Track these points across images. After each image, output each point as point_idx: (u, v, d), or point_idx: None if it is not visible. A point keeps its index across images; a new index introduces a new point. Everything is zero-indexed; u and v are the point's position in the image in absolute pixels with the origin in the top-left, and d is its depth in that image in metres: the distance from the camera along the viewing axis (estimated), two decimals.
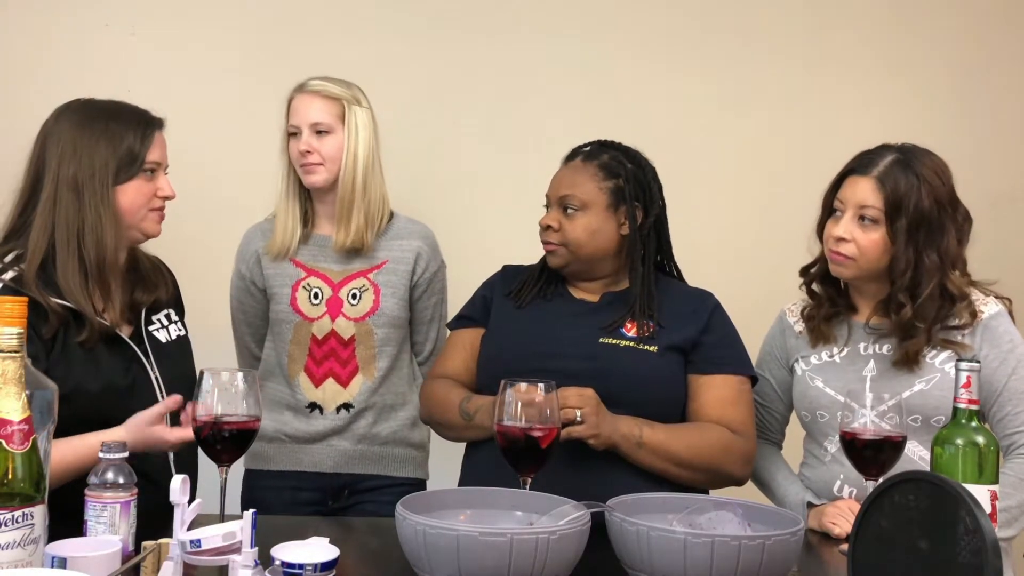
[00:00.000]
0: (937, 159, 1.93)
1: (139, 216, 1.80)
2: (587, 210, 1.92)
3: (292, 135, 2.24)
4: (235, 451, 1.60)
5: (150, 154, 1.79)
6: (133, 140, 1.77)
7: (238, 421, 1.58)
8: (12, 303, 1.27)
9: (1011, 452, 1.87)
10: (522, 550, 1.29)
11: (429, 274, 2.32)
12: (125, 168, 1.77)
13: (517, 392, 1.58)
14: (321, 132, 2.21)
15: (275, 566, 1.33)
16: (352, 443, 2.25)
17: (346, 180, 2.22)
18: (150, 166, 1.80)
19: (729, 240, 2.97)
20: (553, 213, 1.95)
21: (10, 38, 2.74)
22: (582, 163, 1.97)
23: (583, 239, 1.93)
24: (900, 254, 1.87)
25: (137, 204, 1.79)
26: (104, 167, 1.75)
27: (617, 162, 1.96)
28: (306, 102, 2.23)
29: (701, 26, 3.03)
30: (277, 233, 2.26)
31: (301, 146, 2.21)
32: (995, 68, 3.12)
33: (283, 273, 2.26)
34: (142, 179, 1.79)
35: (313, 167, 2.21)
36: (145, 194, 1.80)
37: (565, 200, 1.93)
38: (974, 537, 1.13)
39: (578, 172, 1.95)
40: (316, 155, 2.20)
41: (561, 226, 1.93)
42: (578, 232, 1.92)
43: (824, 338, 1.99)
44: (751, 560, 1.32)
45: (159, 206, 1.83)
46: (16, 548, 1.18)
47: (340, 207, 2.23)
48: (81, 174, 1.74)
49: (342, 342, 2.24)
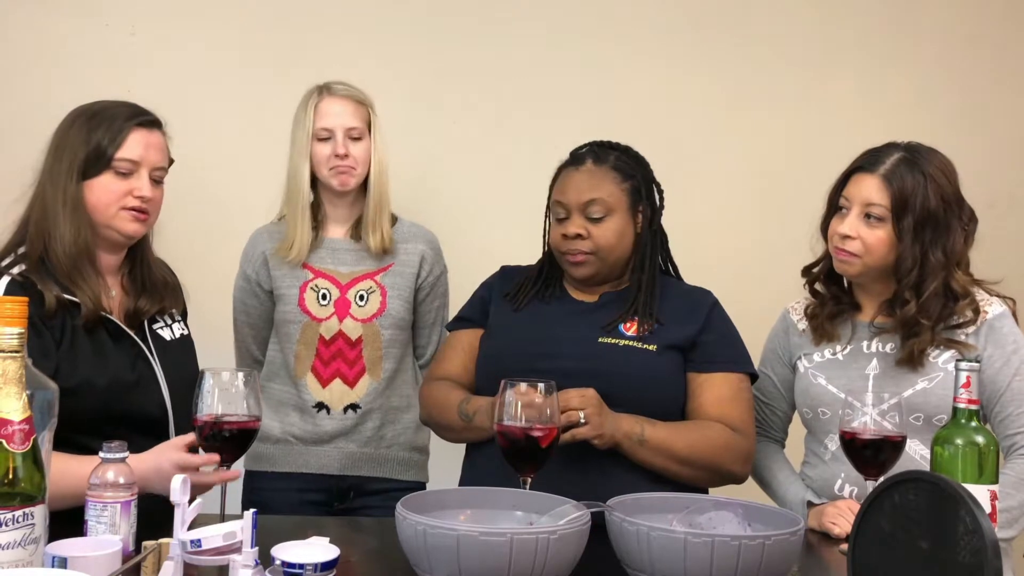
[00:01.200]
0: (943, 158, 1.92)
1: (110, 214, 1.78)
2: (613, 214, 1.89)
3: (323, 139, 2.23)
4: (236, 451, 1.60)
5: (122, 151, 1.77)
6: (103, 136, 1.77)
7: (239, 421, 1.58)
8: (12, 303, 1.27)
9: (1012, 452, 1.87)
10: (522, 550, 1.29)
11: (433, 277, 2.34)
12: (92, 164, 1.76)
13: (517, 392, 1.58)
14: (354, 137, 2.23)
15: (275, 566, 1.33)
16: (359, 445, 2.26)
17: (377, 184, 2.26)
18: (123, 164, 1.78)
19: (730, 239, 2.97)
20: (577, 220, 1.89)
21: (11, 38, 2.74)
22: (596, 166, 1.92)
23: (613, 244, 1.90)
24: (906, 252, 1.87)
25: (105, 201, 1.78)
26: (72, 162, 1.76)
27: (626, 163, 1.94)
28: (339, 106, 2.24)
29: (701, 26, 3.03)
30: (295, 239, 2.25)
31: (339, 149, 2.21)
32: (995, 68, 3.12)
33: (291, 275, 2.27)
34: (111, 176, 1.78)
35: (348, 170, 2.22)
36: (115, 192, 1.78)
37: (590, 206, 1.88)
38: (974, 537, 1.13)
39: (596, 176, 1.91)
40: (352, 159, 2.22)
41: (590, 233, 1.89)
42: (608, 237, 1.89)
43: (827, 336, 1.99)
44: (751, 560, 1.32)
45: (134, 205, 1.79)
46: (16, 548, 1.18)
47: (374, 211, 2.26)
48: (54, 169, 1.77)
49: (349, 343, 2.25)
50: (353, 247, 2.30)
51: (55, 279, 1.74)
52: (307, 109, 2.24)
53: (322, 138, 2.23)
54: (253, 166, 2.48)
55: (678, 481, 1.81)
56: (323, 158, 2.23)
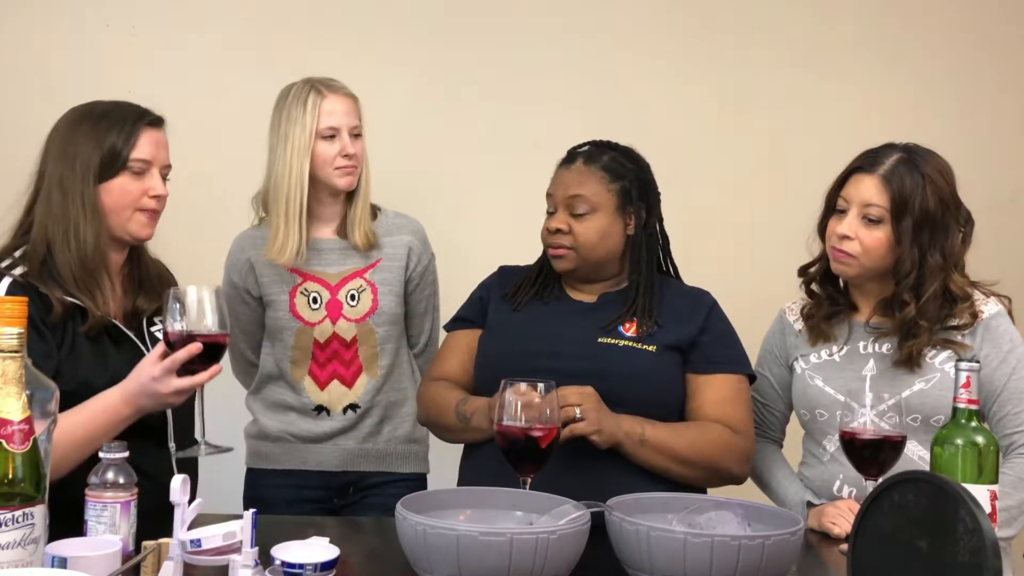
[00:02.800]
0: (941, 159, 1.93)
1: (125, 216, 1.78)
2: (596, 212, 1.91)
3: (327, 137, 2.19)
4: (207, 364, 1.62)
5: (136, 152, 1.78)
6: (117, 138, 1.76)
7: (209, 334, 1.60)
8: (12, 303, 1.27)
9: (1011, 452, 1.87)
10: (522, 550, 1.30)
11: (422, 267, 2.32)
12: (108, 166, 1.76)
13: (517, 392, 1.58)
14: (355, 135, 2.22)
15: (275, 566, 1.34)
16: (357, 442, 2.26)
17: (366, 182, 2.25)
18: (137, 164, 1.78)
19: (728, 239, 2.97)
20: (561, 216, 1.92)
21: (11, 39, 2.75)
22: (585, 165, 1.94)
23: (594, 241, 1.91)
24: (905, 254, 1.87)
25: (123, 203, 1.78)
26: (86, 166, 1.75)
27: (619, 163, 1.95)
28: (343, 104, 2.21)
29: (700, 26, 3.03)
30: (291, 241, 2.17)
31: (348, 149, 2.19)
32: (995, 68, 3.12)
33: (279, 280, 2.25)
34: (127, 177, 1.78)
35: (352, 170, 2.21)
36: (132, 192, 1.78)
37: (574, 203, 1.90)
38: (973, 537, 1.13)
39: (583, 175, 1.93)
40: (355, 157, 2.21)
41: (571, 229, 1.91)
42: (589, 235, 1.91)
43: (824, 337, 1.99)
44: (751, 560, 1.32)
45: (150, 207, 1.80)
46: (16, 548, 1.18)
47: (362, 209, 2.25)
48: (66, 173, 1.75)
49: (344, 344, 2.24)
50: (338, 245, 2.27)
51: (58, 283, 1.74)
52: (305, 106, 2.18)
53: (326, 136, 2.19)
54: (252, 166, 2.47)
55: (678, 481, 1.81)
56: (328, 157, 2.19)
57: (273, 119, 2.24)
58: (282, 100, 2.23)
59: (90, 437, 1.60)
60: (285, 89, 2.24)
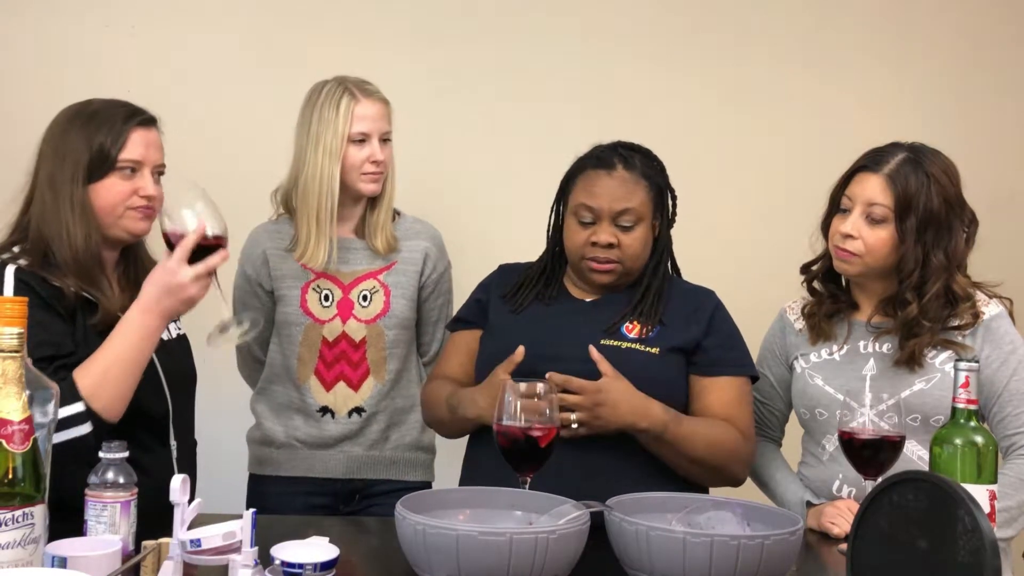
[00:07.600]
0: (946, 159, 1.92)
1: (117, 214, 1.78)
2: (641, 223, 1.87)
3: (357, 142, 2.16)
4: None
5: (125, 152, 1.77)
6: (106, 138, 1.76)
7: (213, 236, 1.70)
8: (12, 303, 1.27)
9: (1011, 453, 1.87)
10: (522, 550, 1.30)
11: (436, 275, 2.31)
12: (97, 167, 1.76)
13: (516, 392, 1.58)
14: (385, 140, 2.21)
15: (275, 566, 1.34)
16: (364, 448, 2.24)
17: (391, 187, 2.25)
18: (127, 164, 1.77)
19: (729, 238, 2.97)
20: (608, 227, 1.84)
21: (11, 39, 2.74)
22: (626, 172, 1.87)
23: (640, 253, 1.89)
24: (908, 253, 1.86)
25: (113, 203, 1.77)
26: (76, 166, 1.75)
27: (650, 168, 1.92)
28: (375, 109, 2.19)
29: (701, 26, 3.03)
30: (320, 250, 2.17)
31: (377, 155, 2.17)
32: (995, 68, 3.12)
33: (292, 275, 2.24)
34: (117, 177, 1.77)
35: (379, 176, 2.20)
36: (121, 192, 1.78)
37: (622, 215, 1.85)
38: (973, 537, 1.13)
39: (628, 184, 1.87)
40: (383, 164, 2.20)
41: (620, 242, 1.86)
42: (636, 247, 1.87)
43: (824, 335, 1.99)
44: (750, 560, 1.32)
45: (141, 204, 1.80)
46: (16, 548, 1.18)
47: (385, 215, 2.24)
48: (57, 173, 1.76)
49: (353, 344, 2.23)
50: (354, 245, 2.26)
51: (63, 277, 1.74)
52: (338, 109, 2.15)
53: (357, 141, 2.16)
54: (252, 166, 2.48)
55: (684, 477, 1.81)
56: (357, 162, 2.16)
57: (303, 116, 2.21)
58: (314, 98, 2.19)
59: (128, 359, 1.68)
60: (317, 86, 2.21)
